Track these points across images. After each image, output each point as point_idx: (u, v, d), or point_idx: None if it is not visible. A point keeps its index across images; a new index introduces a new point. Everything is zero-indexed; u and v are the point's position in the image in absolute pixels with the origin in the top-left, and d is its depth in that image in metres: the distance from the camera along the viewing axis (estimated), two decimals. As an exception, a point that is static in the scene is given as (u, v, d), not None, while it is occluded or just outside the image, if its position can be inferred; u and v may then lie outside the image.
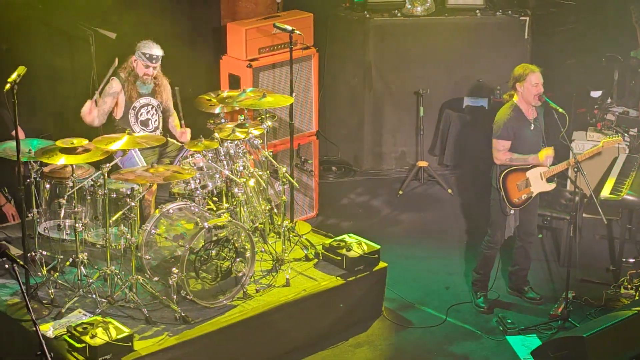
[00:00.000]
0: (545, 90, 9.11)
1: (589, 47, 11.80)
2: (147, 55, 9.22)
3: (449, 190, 11.78)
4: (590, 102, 11.36)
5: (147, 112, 9.44)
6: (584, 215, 10.42)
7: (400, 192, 11.83)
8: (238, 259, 8.54)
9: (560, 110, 9.02)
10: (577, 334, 8.30)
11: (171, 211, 8.66)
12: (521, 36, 11.98)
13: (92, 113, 9.21)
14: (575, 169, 8.91)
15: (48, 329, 8.03)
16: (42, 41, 9.88)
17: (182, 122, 9.48)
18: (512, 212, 9.17)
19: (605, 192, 9.70)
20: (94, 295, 8.38)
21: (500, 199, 9.13)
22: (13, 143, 8.20)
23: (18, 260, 6.52)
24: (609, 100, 11.19)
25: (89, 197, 8.62)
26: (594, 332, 8.24)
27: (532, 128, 9.07)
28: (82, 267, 8.45)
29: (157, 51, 9.25)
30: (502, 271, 9.82)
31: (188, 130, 9.55)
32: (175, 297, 8.29)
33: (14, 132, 8.08)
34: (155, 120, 9.50)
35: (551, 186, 9.28)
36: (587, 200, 10.16)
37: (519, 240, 9.46)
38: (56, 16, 9.68)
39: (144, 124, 9.41)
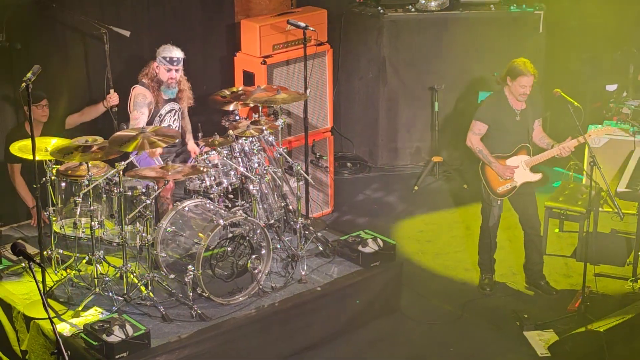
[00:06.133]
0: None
1: (604, 41, 11.76)
2: (168, 59, 9.22)
3: (465, 186, 11.76)
4: (605, 96, 11.35)
5: (170, 118, 9.47)
6: (601, 209, 10.37)
7: (416, 188, 11.83)
8: (254, 256, 8.56)
9: (576, 104, 9.02)
10: (594, 329, 8.31)
11: (187, 208, 8.68)
12: (536, 30, 11.97)
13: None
14: (591, 163, 8.90)
15: (65, 328, 8.06)
16: (56, 40, 9.90)
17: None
18: (498, 202, 9.28)
19: (622, 186, 9.67)
20: (110, 293, 8.42)
21: (482, 188, 9.27)
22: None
23: (34, 258, 6.55)
24: (624, 94, 11.17)
25: (104, 195, 8.63)
26: (611, 326, 8.24)
27: (517, 119, 9.13)
28: (98, 265, 8.49)
29: (177, 53, 9.26)
30: (520, 266, 9.85)
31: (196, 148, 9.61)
32: (191, 294, 8.32)
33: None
34: (176, 126, 9.54)
35: (536, 176, 9.33)
36: (603, 194, 10.14)
37: (525, 235, 9.55)
38: (70, 15, 9.69)
39: None
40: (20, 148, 8.57)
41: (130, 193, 8.56)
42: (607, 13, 11.67)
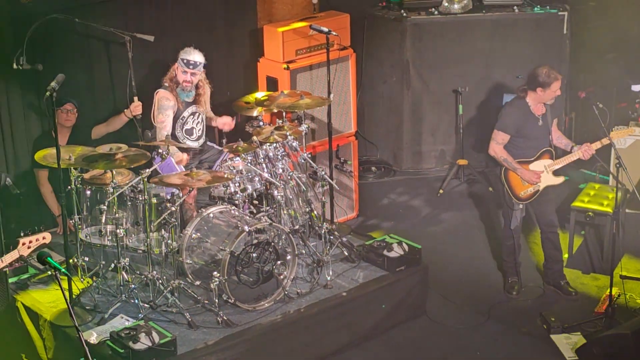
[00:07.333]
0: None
1: (629, 41, 11.73)
2: (185, 61, 9.26)
3: (490, 189, 11.72)
4: (631, 96, 11.31)
5: (193, 121, 9.50)
6: (627, 210, 10.41)
7: (441, 192, 11.82)
8: (279, 262, 8.57)
9: (601, 105, 9.01)
10: (622, 331, 8.30)
11: (211, 215, 8.71)
12: (560, 31, 11.92)
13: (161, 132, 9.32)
14: (617, 165, 8.89)
15: (91, 335, 8.09)
16: (80, 50, 9.95)
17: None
18: (520, 206, 9.30)
19: (649, 187, 9.65)
20: (136, 301, 8.45)
21: (504, 192, 9.28)
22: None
23: (60, 267, 6.57)
24: (650, 94, 11.17)
25: (129, 203, 8.67)
26: (639, 328, 8.20)
27: (539, 124, 9.15)
28: (124, 273, 8.53)
29: (196, 57, 9.29)
30: (539, 268, 9.90)
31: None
32: (217, 300, 8.33)
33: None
34: (200, 129, 9.56)
35: (559, 180, 9.35)
36: (629, 195, 10.12)
37: (542, 233, 9.58)
38: (93, 26, 9.69)
39: (189, 132, 9.48)
40: (45, 157, 8.60)
41: (155, 200, 8.60)
42: (632, 13, 11.65)
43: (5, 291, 8.66)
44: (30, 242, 7.54)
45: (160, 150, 8.69)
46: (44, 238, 7.60)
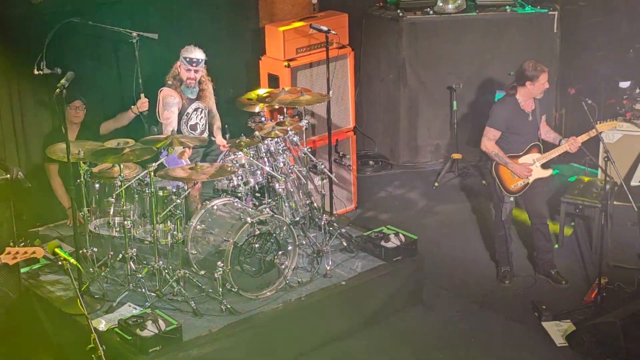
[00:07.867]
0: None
1: (618, 40, 11.86)
2: (188, 59, 9.31)
3: (483, 182, 11.74)
4: (619, 92, 11.37)
5: (197, 117, 9.56)
6: (615, 203, 10.46)
7: (436, 184, 11.92)
8: (280, 252, 8.68)
9: (590, 101, 9.18)
10: (610, 319, 8.42)
11: (215, 207, 8.81)
12: (550, 30, 12.01)
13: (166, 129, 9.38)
14: (606, 158, 9.05)
15: (100, 323, 8.23)
16: (89, 51, 10.06)
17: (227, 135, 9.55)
18: (511, 198, 9.42)
19: (636, 180, 9.78)
20: (143, 290, 8.56)
21: (495, 186, 9.40)
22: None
23: (70, 257, 6.78)
24: (637, 91, 11.17)
25: (136, 196, 8.77)
26: (627, 316, 8.37)
27: (529, 119, 9.32)
28: (131, 263, 8.64)
29: (198, 54, 9.33)
30: (530, 258, 10.03)
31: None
32: (220, 289, 8.45)
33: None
34: (203, 124, 9.61)
35: (547, 172, 9.45)
36: (617, 188, 10.25)
37: (532, 225, 9.67)
38: (102, 27, 9.73)
39: (193, 127, 9.52)
40: (55, 151, 8.72)
41: (161, 193, 8.71)
42: (619, 12, 11.79)
43: (17, 280, 8.71)
44: (17, 252, 6.97)
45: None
46: (33, 252, 7.03)
